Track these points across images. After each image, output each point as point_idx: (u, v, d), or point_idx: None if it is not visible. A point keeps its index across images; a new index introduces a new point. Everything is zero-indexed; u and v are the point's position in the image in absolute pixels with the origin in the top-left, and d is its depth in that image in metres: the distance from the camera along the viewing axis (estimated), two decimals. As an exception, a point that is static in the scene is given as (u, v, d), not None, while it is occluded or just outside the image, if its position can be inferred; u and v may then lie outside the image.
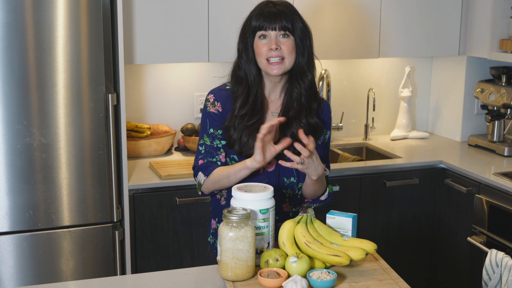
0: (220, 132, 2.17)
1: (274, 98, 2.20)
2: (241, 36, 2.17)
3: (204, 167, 2.17)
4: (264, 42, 2.09)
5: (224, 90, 2.20)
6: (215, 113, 2.17)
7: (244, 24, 2.17)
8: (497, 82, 3.61)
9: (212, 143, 2.19)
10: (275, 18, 2.08)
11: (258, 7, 2.14)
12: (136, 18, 3.12)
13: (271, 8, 2.10)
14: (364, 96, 3.94)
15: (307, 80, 2.15)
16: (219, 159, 2.18)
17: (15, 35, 2.62)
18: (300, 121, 2.14)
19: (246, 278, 1.86)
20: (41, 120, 2.71)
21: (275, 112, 2.19)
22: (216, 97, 2.19)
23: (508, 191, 2.97)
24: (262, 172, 2.16)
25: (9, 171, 2.70)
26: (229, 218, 1.83)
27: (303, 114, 2.15)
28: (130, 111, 3.50)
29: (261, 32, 2.10)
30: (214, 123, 2.18)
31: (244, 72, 2.15)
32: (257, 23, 2.10)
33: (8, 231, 2.75)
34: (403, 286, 1.84)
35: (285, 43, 2.09)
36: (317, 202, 2.25)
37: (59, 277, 2.85)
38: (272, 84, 2.18)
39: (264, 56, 2.09)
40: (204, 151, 2.20)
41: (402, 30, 3.61)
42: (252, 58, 2.13)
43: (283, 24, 2.08)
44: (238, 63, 2.18)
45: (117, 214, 2.89)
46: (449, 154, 3.57)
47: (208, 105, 2.19)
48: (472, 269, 3.20)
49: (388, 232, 3.41)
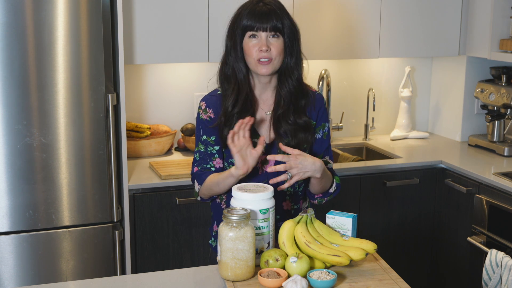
0: (213, 138, 2.19)
1: (266, 98, 2.21)
2: (229, 33, 2.17)
3: (198, 175, 2.21)
4: (255, 42, 2.10)
5: (215, 95, 2.21)
6: (207, 120, 2.19)
7: (233, 20, 2.16)
8: (497, 82, 3.61)
9: (206, 150, 2.21)
10: (266, 18, 2.08)
11: (248, 5, 2.13)
12: (136, 18, 3.12)
13: (262, 7, 2.10)
14: (364, 96, 3.94)
15: (294, 78, 2.16)
16: (213, 165, 2.20)
17: (15, 35, 2.62)
18: (288, 119, 2.15)
19: (246, 278, 1.86)
20: (41, 120, 2.71)
21: (268, 112, 2.20)
22: (208, 104, 2.20)
23: (508, 191, 2.96)
24: (261, 173, 2.16)
25: (9, 171, 2.70)
26: (229, 218, 1.83)
27: (290, 112, 2.16)
28: (130, 111, 3.50)
29: (252, 32, 2.10)
30: (207, 130, 2.19)
31: (233, 69, 2.16)
32: (248, 22, 2.09)
33: (8, 231, 2.75)
34: (403, 286, 1.84)
35: (275, 43, 2.10)
36: (327, 195, 2.23)
37: (59, 277, 2.85)
38: (262, 85, 2.19)
39: (255, 57, 2.10)
40: (199, 158, 2.22)
41: (402, 30, 3.61)
42: (241, 56, 2.14)
43: (273, 24, 2.08)
44: (225, 59, 2.18)
45: (117, 214, 2.89)
46: (449, 154, 3.57)
47: (200, 113, 2.21)
48: (472, 269, 3.20)
49: (388, 232, 3.41)
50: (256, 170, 2.16)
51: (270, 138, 2.19)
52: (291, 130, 2.15)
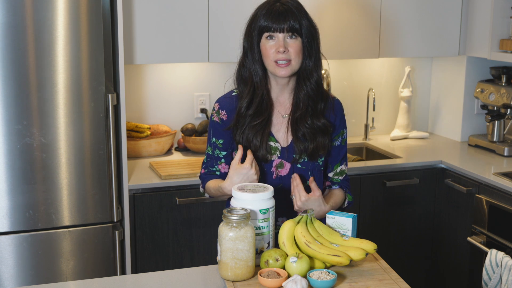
0: (221, 141, 2.17)
1: (283, 101, 2.18)
2: (246, 34, 2.12)
3: (202, 179, 2.23)
4: (272, 44, 2.05)
5: (229, 97, 2.18)
6: (218, 122, 2.17)
7: (250, 22, 2.11)
8: (497, 82, 3.61)
9: (213, 153, 2.20)
10: (283, 19, 2.03)
11: (265, 5, 2.09)
12: (136, 18, 3.12)
13: (279, 7, 2.05)
14: (364, 96, 3.94)
15: (313, 80, 2.12)
16: (218, 169, 2.20)
17: (15, 35, 2.62)
18: (305, 122, 2.12)
19: (246, 278, 1.86)
20: (41, 120, 2.71)
21: (285, 115, 2.17)
22: (221, 105, 2.17)
23: (508, 191, 2.96)
24: (276, 177, 2.15)
25: (9, 171, 2.70)
26: (229, 218, 1.83)
27: (308, 115, 2.13)
28: (130, 111, 3.50)
29: (269, 33, 2.06)
30: (216, 132, 2.18)
31: (249, 72, 2.12)
32: (265, 23, 2.05)
33: (8, 231, 2.75)
34: (403, 286, 1.84)
35: (293, 44, 2.05)
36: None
37: (59, 277, 2.85)
38: (279, 87, 2.15)
39: (272, 58, 2.06)
40: (207, 160, 2.22)
41: (402, 30, 3.61)
42: (258, 58, 2.10)
43: (290, 25, 2.03)
44: (243, 61, 2.14)
45: (117, 214, 2.89)
46: (449, 154, 3.57)
47: (213, 114, 2.19)
48: (472, 269, 3.20)
49: (388, 232, 3.41)
50: (271, 174, 2.15)
51: (288, 141, 2.15)
52: (310, 134, 2.12)
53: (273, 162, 2.14)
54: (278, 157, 2.13)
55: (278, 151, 2.13)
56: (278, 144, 2.14)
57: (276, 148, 2.13)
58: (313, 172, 2.17)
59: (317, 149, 2.13)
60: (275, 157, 2.13)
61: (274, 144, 2.13)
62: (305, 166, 2.15)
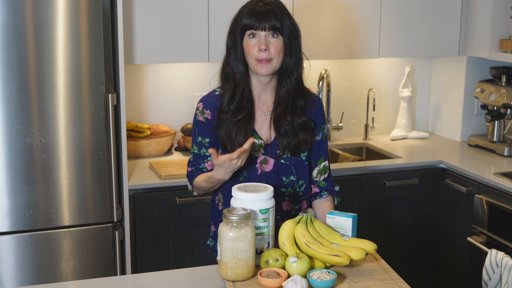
0: (207, 140, 2.20)
1: (265, 98, 2.22)
2: (230, 33, 2.19)
3: (190, 176, 2.25)
4: (254, 42, 2.11)
5: (213, 96, 2.22)
6: (202, 122, 2.20)
7: (234, 21, 2.18)
8: (497, 82, 3.61)
9: (200, 152, 2.22)
10: (265, 18, 2.09)
11: (248, 5, 2.15)
12: (136, 18, 3.12)
13: (261, 7, 2.11)
14: (364, 96, 3.94)
15: (293, 78, 2.17)
16: (205, 167, 2.23)
17: (15, 35, 2.62)
18: (285, 119, 2.17)
19: (246, 278, 1.86)
20: (41, 120, 2.71)
21: (268, 112, 2.21)
22: (205, 105, 2.21)
23: (508, 191, 2.96)
24: (260, 173, 2.17)
25: (9, 171, 2.70)
26: (229, 218, 1.83)
27: (288, 112, 2.17)
28: (130, 111, 3.50)
29: (251, 31, 2.11)
30: (202, 131, 2.21)
31: (232, 69, 2.17)
32: (247, 21, 2.11)
33: (8, 231, 2.75)
34: (403, 286, 1.84)
35: (274, 43, 2.11)
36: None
37: (59, 277, 2.85)
38: (261, 85, 2.20)
39: (254, 56, 2.11)
40: (193, 159, 2.25)
41: (402, 30, 3.61)
42: (240, 56, 2.15)
43: (272, 24, 2.09)
44: (226, 60, 2.20)
45: (117, 214, 2.89)
46: (449, 154, 3.57)
47: (197, 114, 2.22)
48: (472, 269, 3.20)
49: (388, 232, 3.41)
50: (255, 170, 2.16)
51: (271, 137, 2.20)
52: (291, 130, 2.17)
53: (258, 158, 2.17)
54: (262, 153, 2.17)
55: (262, 148, 2.17)
56: (262, 141, 2.18)
57: (260, 144, 2.17)
58: (297, 167, 2.21)
59: (299, 145, 2.18)
60: (259, 153, 2.17)
61: (258, 141, 2.17)
62: (289, 162, 2.20)
